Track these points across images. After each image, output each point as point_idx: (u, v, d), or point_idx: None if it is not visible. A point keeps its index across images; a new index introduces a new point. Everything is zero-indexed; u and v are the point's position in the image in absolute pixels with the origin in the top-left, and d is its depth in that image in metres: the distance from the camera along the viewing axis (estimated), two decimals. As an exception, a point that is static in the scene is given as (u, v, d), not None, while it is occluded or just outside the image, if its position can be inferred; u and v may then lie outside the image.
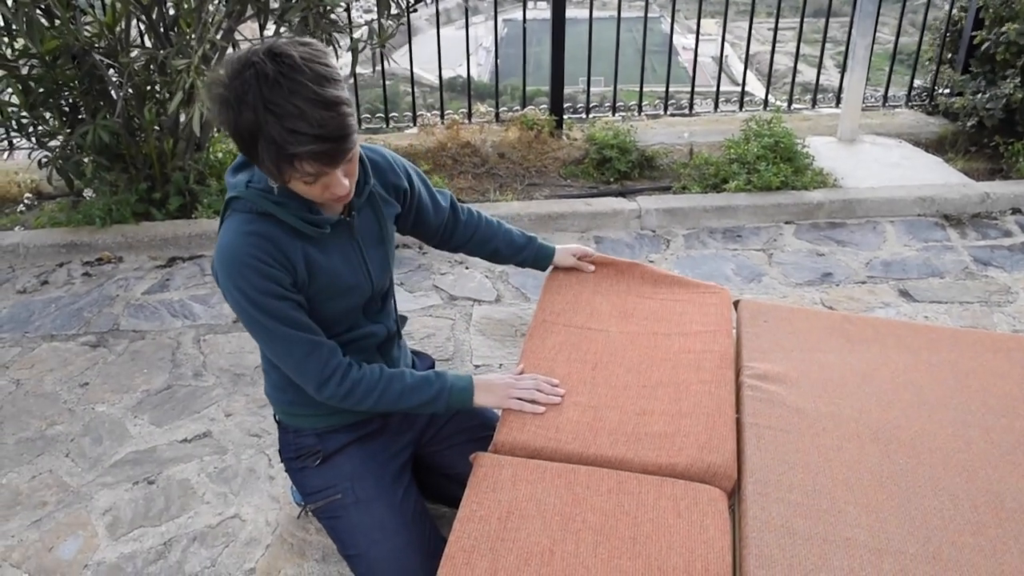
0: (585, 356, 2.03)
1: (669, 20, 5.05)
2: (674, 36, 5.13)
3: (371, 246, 1.80)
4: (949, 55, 5.09)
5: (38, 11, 3.09)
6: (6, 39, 3.21)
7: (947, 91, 5.01)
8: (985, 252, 3.67)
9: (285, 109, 1.37)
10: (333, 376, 1.70)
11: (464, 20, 4.60)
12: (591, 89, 4.99)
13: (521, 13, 5.01)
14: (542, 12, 5.05)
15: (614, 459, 1.73)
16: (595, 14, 4.75)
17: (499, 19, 4.72)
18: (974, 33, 4.66)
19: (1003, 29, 4.40)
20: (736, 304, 2.34)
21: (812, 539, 1.54)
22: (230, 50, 3.52)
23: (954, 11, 4.98)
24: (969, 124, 4.61)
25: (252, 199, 1.59)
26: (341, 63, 4.03)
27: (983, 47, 4.59)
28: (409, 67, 4.55)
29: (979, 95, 4.55)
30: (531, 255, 2.26)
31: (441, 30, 4.58)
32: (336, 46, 3.57)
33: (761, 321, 2.22)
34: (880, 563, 1.49)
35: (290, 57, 1.40)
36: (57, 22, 3.17)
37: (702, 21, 4.96)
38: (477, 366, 2.83)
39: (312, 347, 1.67)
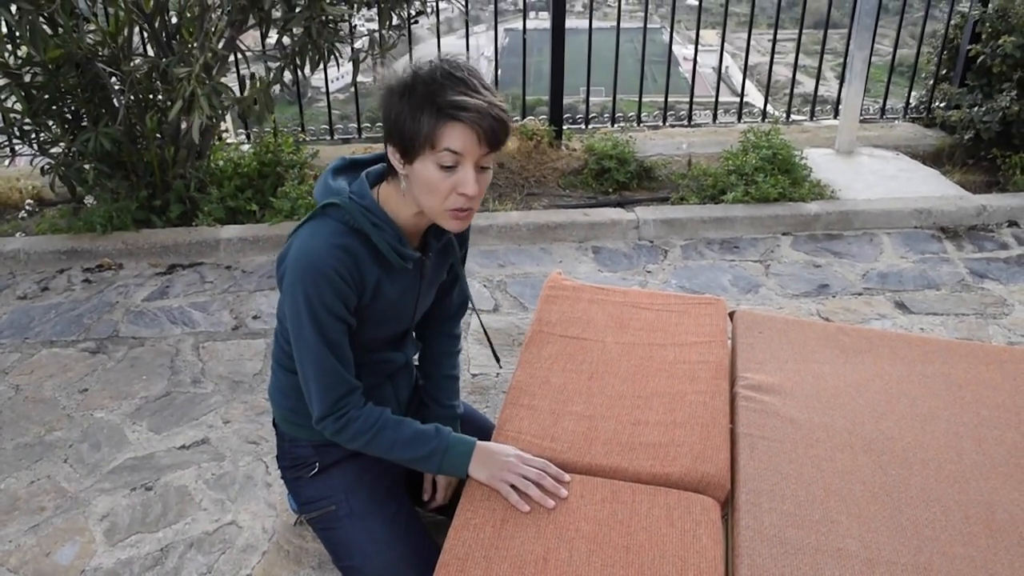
0: (581, 366, 2.05)
1: (668, 31, 5.07)
2: (673, 46, 5.16)
3: (427, 289, 1.83)
4: (945, 70, 5.12)
5: (41, 19, 3.11)
6: (9, 47, 3.23)
7: (944, 104, 5.03)
8: (981, 264, 3.69)
9: (463, 81, 1.47)
10: (334, 415, 1.69)
11: (464, 30, 4.62)
12: (590, 99, 5.01)
13: (521, 23, 5.04)
14: (542, 22, 5.07)
15: (608, 468, 1.74)
16: (594, 24, 4.77)
17: (499, 29, 4.75)
18: (970, 46, 4.69)
19: (999, 42, 4.43)
20: (732, 315, 2.36)
21: (804, 549, 1.55)
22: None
23: (951, 24, 5.01)
24: (966, 137, 4.63)
25: (353, 213, 1.60)
26: (342, 72, 4.06)
27: (979, 60, 4.62)
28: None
29: (976, 108, 4.57)
30: (430, 416, 2.02)
31: (442, 39, 4.60)
32: (338, 56, 3.59)
33: (756, 332, 2.24)
34: (871, 574, 1.51)
35: (460, 63, 1.50)
36: (60, 30, 3.19)
37: (701, 32, 4.99)
38: (475, 375, 2.84)
39: (337, 380, 1.66)
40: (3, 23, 3.12)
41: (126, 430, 2.60)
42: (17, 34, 3.14)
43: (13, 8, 3.02)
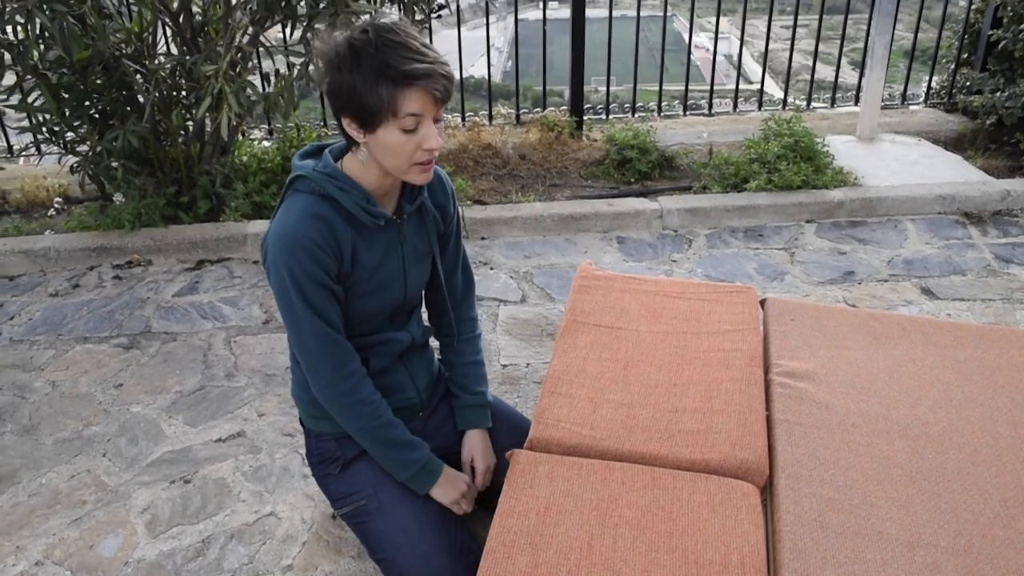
0: (616, 355, 2.06)
1: (681, 19, 5.07)
2: (687, 34, 5.15)
3: (414, 257, 1.85)
4: (966, 55, 5.09)
5: (72, 19, 3.14)
6: (41, 48, 3.26)
7: (965, 89, 5.01)
8: (1007, 249, 3.68)
9: (404, 44, 1.51)
10: (340, 373, 1.74)
11: (481, 19, 4.63)
12: (607, 90, 5.02)
13: (535, 13, 5.04)
14: (555, 11, 5.07)
15: (648, 455, 1.76)
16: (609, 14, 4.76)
17: (517, 19, 4.75)
18: (992, 31, 4.66)
19: (1021, 27, 4.40)
20: (763, 303, 2.37)
21: (845, 533, 1.57)
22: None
23: (972, 8, 4.98)
24: (988, 122, 4.61)
25: (318, 180, 1.66)
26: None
27: (1001, 45, 4.59)
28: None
29: (998, 93, 4.55)
30: (460, 404, 2.06)
31: (452, 30, 4.62)
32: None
33: (788, 319, 2.25)
34: (912, 556, 1.52)
35: (392, 25, 1.54)
36: (90, 31, 3.21)
37: (713, 20, 4.98)
38: (505, 365, 2.86)
39: (331, 343, 1.72)
40: (36, 24, 3.15)
41: (162, 424, 2.63)
42: (47, 35, 3.17)
43: (46, 9, 3.04)
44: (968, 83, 4.96)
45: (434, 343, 2.12)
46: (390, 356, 1.90)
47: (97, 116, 3.64)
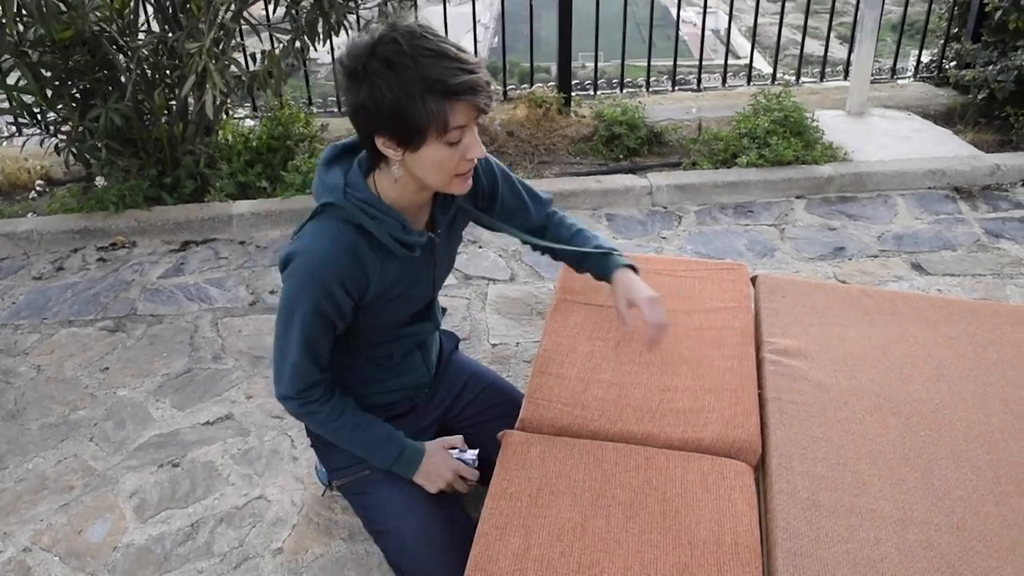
0: (607, 334, 2.05)
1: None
2: (673, 9, 5.10)
3: (443, 262, 1.82)
4: (956, 28, 5.06)
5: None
6: (20, 27, 3.20)
7: (955, 62, 4.98)
8: (996, 224, 3.67)
9: (442, 53, 1.41)
10: (299, 400, 1.72)
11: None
12: (591, 65, 4.98)
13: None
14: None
15: (640, 435, 1.75)
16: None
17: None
18: (987, 1, 4.61)
19: (1017, -3, 4.35)
20: (753, 280, 2.35)
21: (838, 511, 1.56)
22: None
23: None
24: (980, 96, 4.59)
25: (350, 210, 1.57)
26: (339, 43, 4.03)
27: (997, 16, 4.54)
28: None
29: (990, 66, 4.52)
30: (592, 263, 2.02)
31: (439, 7, 4.57)
32: (347, 28, 3.56)
33: (779, 296, 2.24)
34: (905, 534, 1.52)
35: (421, 30, 1.43)
36: (71, 9, 3.15)
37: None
38: (495, 345, 2.84)
39: (307, 371, 1.68)
40: (14, 2, 3.09)
41: (150, 407, 2.61)
42: (25, 13, 3.11)
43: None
44: (958, 56, 4.93)
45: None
46: (412, 344, 1.89)
47: (79, 96, 3.58)
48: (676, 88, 5.19)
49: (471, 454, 1.84)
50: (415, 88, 1.39)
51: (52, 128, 3.63)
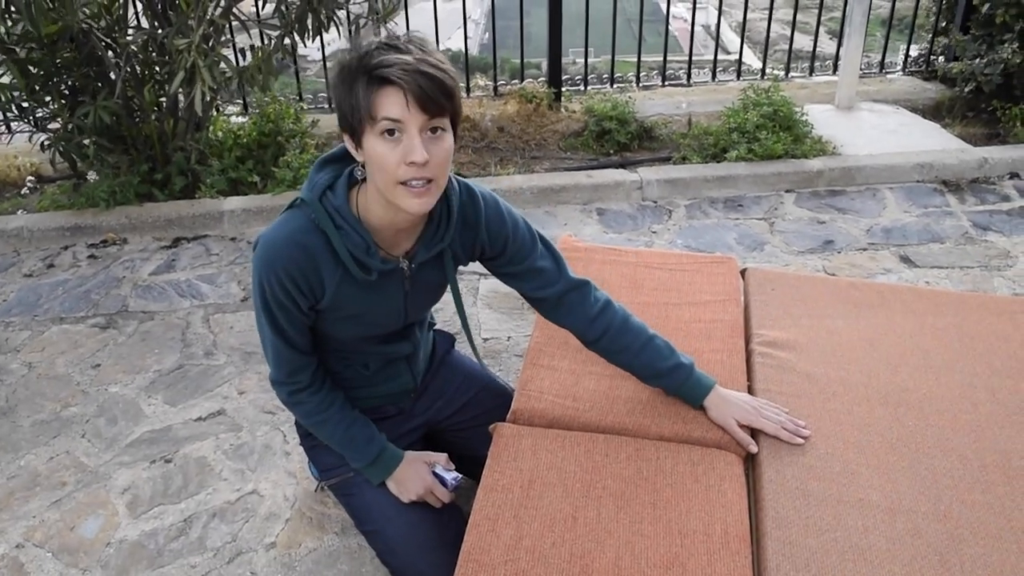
0: (598, 327, 2.05)
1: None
2: (663, 5, 5.11)
3: (422, 292, 1.75)
4: (944, 22, 5.08)
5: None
6: (8, 22, 3.19)
7: (943, 56, 5.00)
8: (984, 217, 3.70)
9: (394, 47, 1.40)
10: (287, 384, 1.72)
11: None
12: (579, 60, 4.99)
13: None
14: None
15: (631, 427, 1.76)
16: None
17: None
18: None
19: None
20: (743, 273, 2.37)
21: (827, 500, 1.58)
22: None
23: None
24: (967, 89, 4.61)
25: (317, 212, 1.54)
26: (330, 40, 4.02)
27: (983, 9, 4.56)
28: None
29: (977, 60, 4.55)
30: (674, 384, 1.80)
31: (428, 3, 4.57)
32: (337, 23, 3.56)
33: (769, 289, 2.25)
34: (893, 522, 1.53)
35: (404, 35, 1.44)
36: (58, 5, 3.14)
37: (698, -10, 4.95)
38: (486, 339, 2.85)
39: (287, 357, 1.68)
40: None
41: (141, 404, 2.61)
42: (12, 8, 3.10)
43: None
44: (946, 49, 4.95)
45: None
46: (389, 359, 1.86)
47: (68, 92, 3.57)
48: (666, 83, 5.21)
49: (452, 476, 1.81)
50: (349, 74, 1.41)
51: (40, 124, 3.62)
